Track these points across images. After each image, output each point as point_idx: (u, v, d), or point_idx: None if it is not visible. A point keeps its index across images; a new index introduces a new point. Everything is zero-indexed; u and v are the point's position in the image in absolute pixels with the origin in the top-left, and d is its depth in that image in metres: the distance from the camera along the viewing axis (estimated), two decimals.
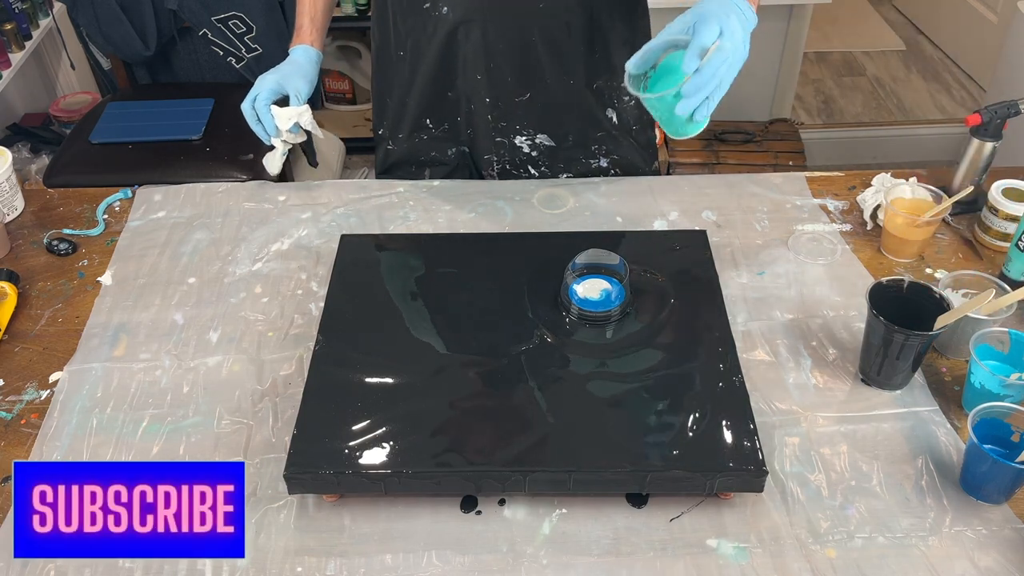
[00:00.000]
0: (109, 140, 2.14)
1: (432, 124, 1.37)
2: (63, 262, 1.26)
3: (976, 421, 0.91)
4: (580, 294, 1.04)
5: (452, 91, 1.32)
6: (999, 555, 0.87)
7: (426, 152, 1.40)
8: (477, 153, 1.39)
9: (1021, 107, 1.22)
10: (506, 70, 1.28)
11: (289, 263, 1.23)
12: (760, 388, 1.03)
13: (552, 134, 1.37)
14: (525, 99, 1.32)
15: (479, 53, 1.26)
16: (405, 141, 1.40)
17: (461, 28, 1.24)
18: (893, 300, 1.00)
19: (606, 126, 1.37)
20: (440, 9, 1.23)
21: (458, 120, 1.36)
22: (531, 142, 1.37)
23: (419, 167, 1.42)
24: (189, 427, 1.01)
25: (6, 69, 2.36)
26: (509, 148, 1.37)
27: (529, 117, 1.34)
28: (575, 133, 1.37)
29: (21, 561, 0.87)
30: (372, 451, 0.89)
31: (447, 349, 1.01)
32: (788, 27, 2.56)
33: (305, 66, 1.31)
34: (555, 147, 1.38)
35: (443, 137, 1.39)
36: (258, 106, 1.28)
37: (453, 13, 1.23)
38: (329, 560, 0.87)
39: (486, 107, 1.32)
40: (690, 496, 0.92)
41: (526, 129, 1.35)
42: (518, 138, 1.36)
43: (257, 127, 1.30)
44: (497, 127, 1.35)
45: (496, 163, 1.39)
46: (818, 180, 1.38)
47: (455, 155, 1.40)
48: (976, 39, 3.35)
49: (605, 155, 1.40)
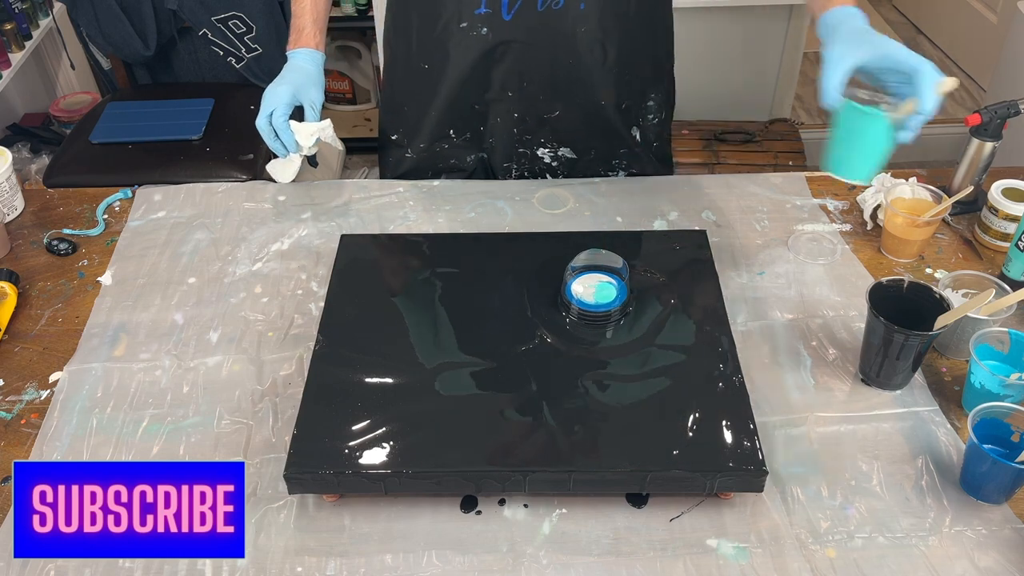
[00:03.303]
0: (109, 140, 2.14)
1: (455, 134, 1.37)
2: (63, 262, 1.26)
3: (976, 421, 0.91)
4: (580, 294, 1.04)
5: (480, 104, 1.32)
6: (999, 555, 0.87)
7: (445, 160, 1.40)
8: (496, 160, 1.39)
9: (1021, 107, 1.22)
10: (538, 90, 1.29)
11: (289, 263, 1.23)
12: (760, 388, 1.03)
13: (575, 148, 1.38)
14: (554, 116, 1.33)
15: (514, 73, 1.27)
16: (425, 150, 1.39)
17: (500, 48, 1.24)
18: (893, 300, 1.00)
19: (629, 143, 1.39)
20: (479, 29, 1.23)
21: (481, 130, 1.36)
22: (553, 154, 1.38)
23: (435, 172, 1.42)
24: (189, 427, 1.01)
25: (6, 69, 2.36)
26: (530, 158, 1.38)
27: (555, 132, 1.35)
28: (598, 148, 1.38)
29: (21, 561, 0.87)
30: (372, 451, 0.89)
31: (447, 349, 1.01)
32: (788, 27, 2.56)
33: (314, 73, 1.27)
34: (576, 160, 1.39)
35: (464, 145, 1.39)
36: (276, 123, 1.24)
37: (493, 35, 1.23)
38: (329, 560, 0.87)
39: (513, 121, 1.33)
40: (690, 496, 0.92)
41: (550, 142, 1.36)
42: (541, 150, 1.37)
43: (275, 143, 1.27)
44: (522, 139, 1.36)
45: (515, 170, 1.40)
46: (818, 180, 1.38)
47: (474, 161, 1.41)
48: (976, 39, 3.35)
49: (624, 168, 1.41)
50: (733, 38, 2.55)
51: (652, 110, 1.38)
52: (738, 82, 2.65)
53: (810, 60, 3.51)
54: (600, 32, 1.24)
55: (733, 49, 2.57)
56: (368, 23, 2.68)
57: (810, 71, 3.45)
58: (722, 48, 2.55)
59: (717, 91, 2.63)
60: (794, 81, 2.75)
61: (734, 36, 2.55)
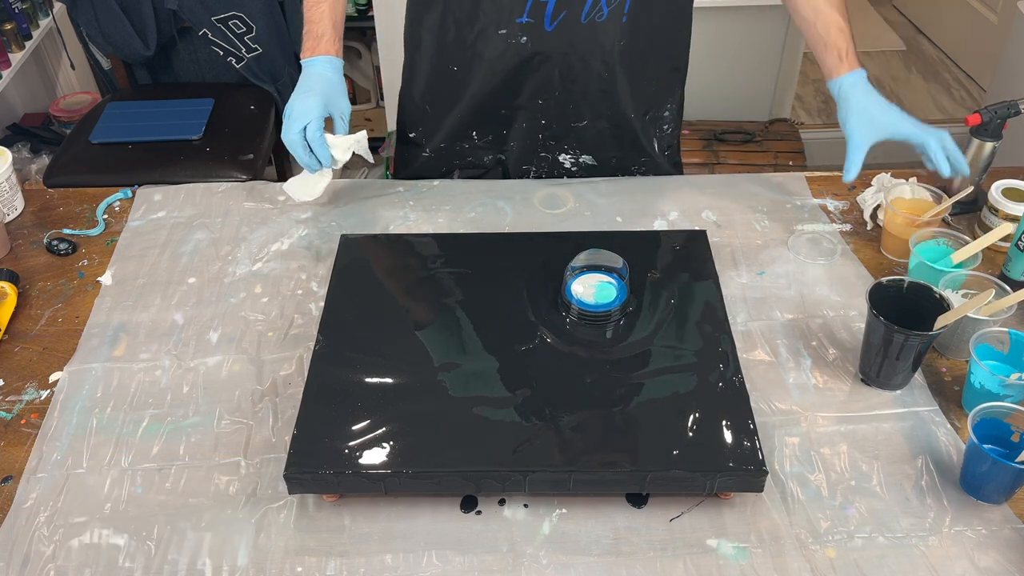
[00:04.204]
0: (109, 140, 2.14)
1: (477, 136, 1.37)
2: (63, 262, 1.26)
3: (976, 421, 0.91)
4: (580, 294, 1.04)
5: (507, 109, 1.32)
6: (999, 555, 0.87)
7: (462, 157, 1.40)
8: (515, 162, 1.39)
9: (1021, 107, 1.22)
10: (570, 99, 1.29)
11: (289, 263, 1.23)
12: (760, 388, 1.03)
13: (597, 157, 1.38)
14: (581, 125, 1.33)
15: (548, 82, 1.27)
16: (444, 149, 1.39)
17: (537, 58, 1.24)
18: (893, 300, 1.00)
19: (649, 151, 1.39)
20: (519, 38, 1.21)
21: (504, 133, 1.36)
22: (574, 160, 1.38)
23: (450, 170, 1.42)
24: (189, 427, 1.01)
25: (6, 69, 2.36)
26: (551, 162, 1.39)
27: (580, 141, 1.36)
28: (619, 157, 1.39)
29: (21, 561, 0.87)
30: (372, 451, 0.89)
31: (447, 349, 1.01)
32: (788, 27, 2.56)
33: (338, 82, 1.21)
34: (596, 166, 1.39)
35: (484, 146, 1.38)
36: (311, 137, 1.18)
37: (533, 44, 1.22)
38: (329, 560, 0.87)
39: (539, 127, 1.33)
40: (690, 496, 0.92)
41: (573, 149, 1.37)
42: (562, 155, 1.37)
43: (307, 159, 1.20)
44: (546, 144, 1.36)
45: (533, 173, 1.40)
46: (818, 180, 1.38)
47: (491, 161, 1.40)
48: (976, 39, 3.35)
49: (642, 175, 1.42)
50: (733, 38, 2.55)
51: (667, 120, 1.39)
52: (738, 82, 2.65)
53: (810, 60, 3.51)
54: (638, 44, 1.24)
55: (733, 49, 2.57)
56: (368, 23, 2.68)
57: (810, 71, 3.45)
58: (722, 48, 2.55)
59: (717, 91, 2.63)
60: (794, 81, 2.75)
61: (734, 36, 2.55)
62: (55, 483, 0.95)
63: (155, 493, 0.94)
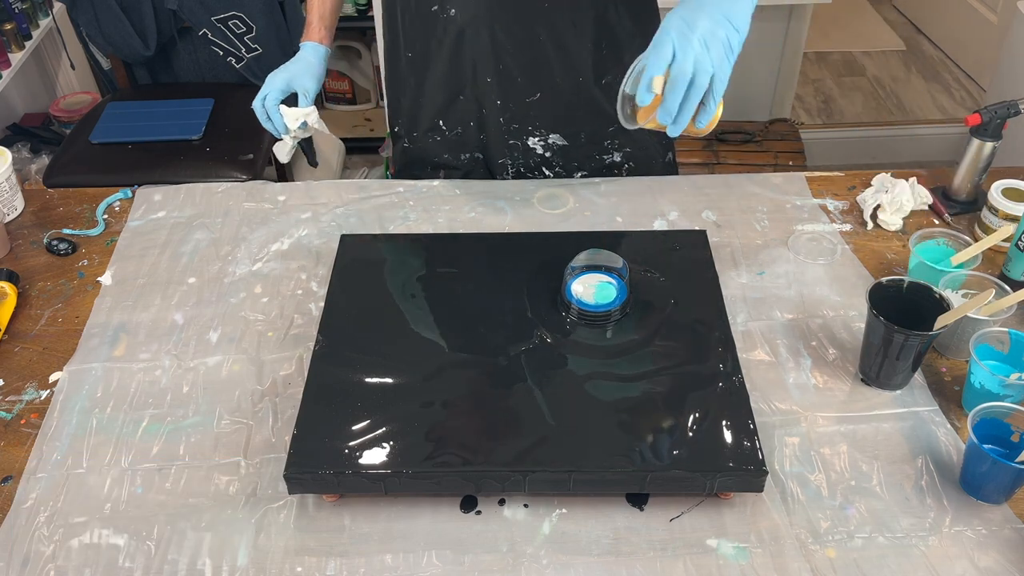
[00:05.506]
0: (109, 140, 2.14)
1: (446, 127, 1.37)
2: (63, 262, 1.26)
3: (976, 421, 0.91)
4: (580, 294, 1.04)
5: (463, 94, 1.32)
6: (999, 555, 0.87)
7: (439, 154, 1.40)
8: (491, 158, 1.39)
9: (1021, 107, 1.22)
10: (515, 71, 1.28)
11: (289, 263, 1.23)
12: (760, 388, 1.03)
13: (564, 133, 1.36)
14: (536, 99, 1.32)
15: (487, 55, 1.26)
16: (420, 140, 1.40)
17: (469, 29, 1.24)
18: (893, 300, 1.00)
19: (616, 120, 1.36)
20: (448, 11, 1.23)
21: (471, 125, 1.36)
22: (544, 143, 1.37)
23: (434, 168, 1.42)
24: (189, 427, 1.01)
25: (6, 69, 2.36)
26: (523, 151, 1.37)
27: (541, 118, 1.34)
28: (587, 131, 1.37)
29: (21, 561, 0.87)
30: (372, 451, 0.89)
31: (447, 349, 1.01)
32: (788, 27, 2.56)
33: (314, 63, 1.33)
34: (568, 146, 1.38)
35: (456, 142, 1.38)
36: (268, 105, 1.30)
37: (461, 14, 1.23)
38: (329, 560, 0.87)
39: (497, 110, 1.32)
40: (690, 496, 0.92)
41: (538, 130, 1.35)
42: (531, 139, 1.36)
43: (268, 124, 1.33)
44: (509, 129, 1.35)
45: (510, 166, 1.39)
46: (818, 180, 1.38)
47: (468, 160, 1.40)
48: (976, 39, 3.35)
49: (618, 148, 1.40)
50: None
51: None
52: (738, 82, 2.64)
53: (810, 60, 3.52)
54: (568, 3, 1.22)
55: None
56: (368, 23, 2.68)
57: (810, 71, 3.45)
58: None
59: None
60: (794, 81, 2.75)
61: None
62: (55, 483, 0.95)
63: (155, 493, 0.94)
